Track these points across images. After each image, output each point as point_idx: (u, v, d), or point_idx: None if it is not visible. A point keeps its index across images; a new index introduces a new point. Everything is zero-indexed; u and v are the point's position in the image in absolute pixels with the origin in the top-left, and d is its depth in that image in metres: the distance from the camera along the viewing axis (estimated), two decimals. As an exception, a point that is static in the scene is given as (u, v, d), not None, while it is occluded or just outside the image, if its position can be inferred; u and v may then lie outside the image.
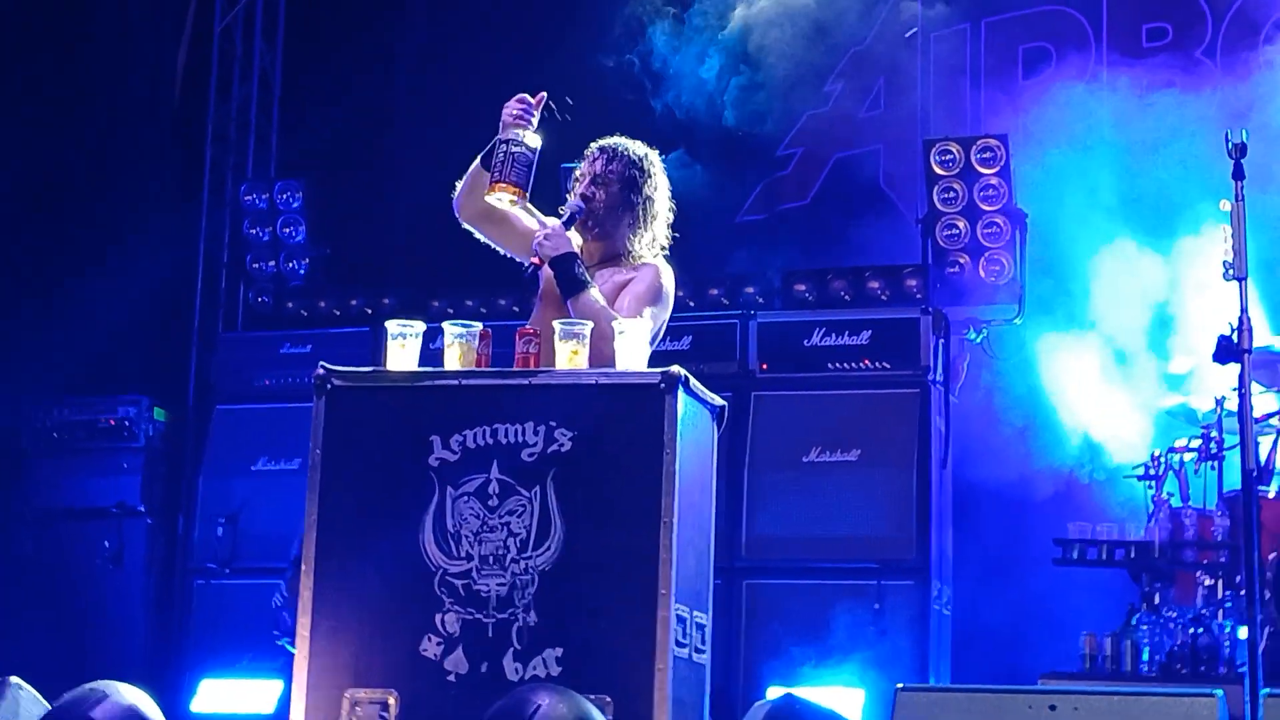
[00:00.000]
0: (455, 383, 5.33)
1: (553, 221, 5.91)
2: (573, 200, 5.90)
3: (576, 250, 5.78)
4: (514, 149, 5.70)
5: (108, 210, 11.08)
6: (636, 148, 6.02)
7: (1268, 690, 5.23)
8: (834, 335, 9.44)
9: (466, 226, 6.03)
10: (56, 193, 10.92)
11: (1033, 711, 5.28)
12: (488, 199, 5.76)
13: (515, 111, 5.77)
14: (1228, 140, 5.84)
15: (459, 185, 5.96)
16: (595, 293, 5.68)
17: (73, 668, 8.69)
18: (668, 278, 5.93)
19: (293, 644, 7.67)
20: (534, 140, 5.74)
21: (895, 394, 9.26)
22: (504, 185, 5.70)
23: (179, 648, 10.01)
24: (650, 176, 5.97)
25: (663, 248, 6.03)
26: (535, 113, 5.81)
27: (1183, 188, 9.31)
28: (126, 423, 10.30)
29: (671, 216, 6.08)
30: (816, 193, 11.29)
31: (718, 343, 9.54)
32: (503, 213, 5.89)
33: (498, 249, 6.08)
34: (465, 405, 5.27)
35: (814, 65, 11.20)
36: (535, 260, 5.73)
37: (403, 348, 5.44)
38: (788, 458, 9.23)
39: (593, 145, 6.03)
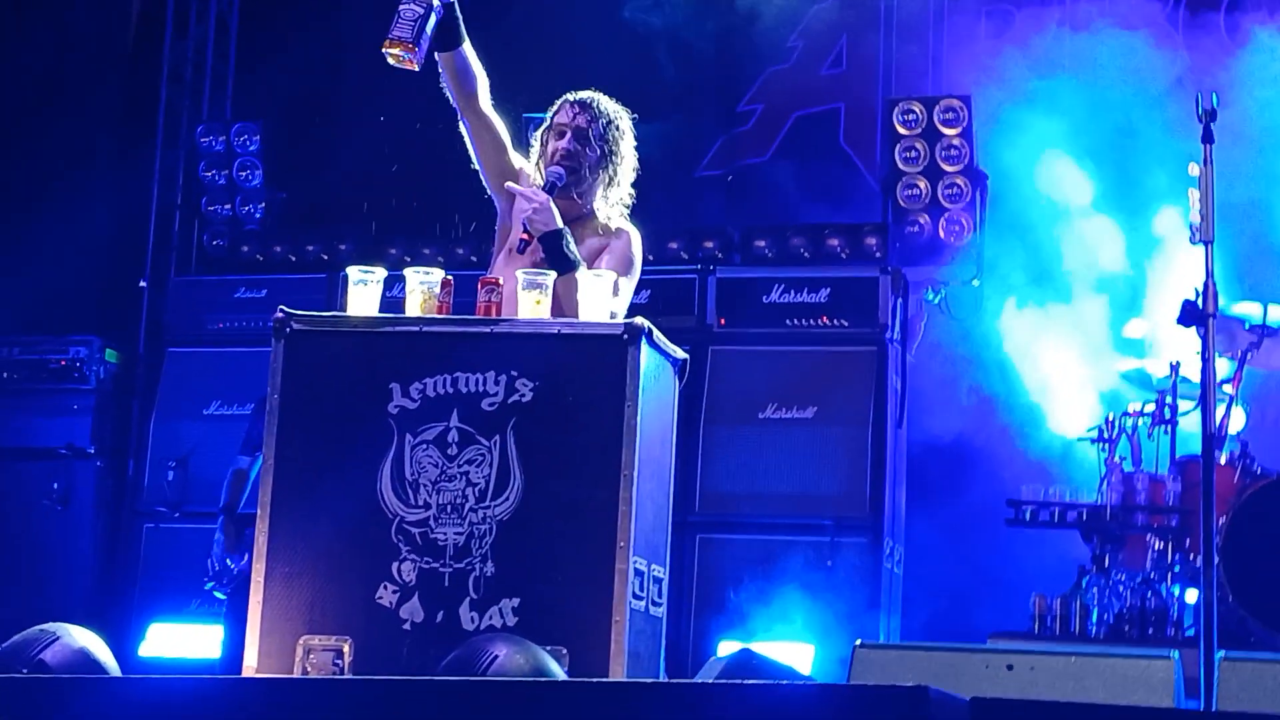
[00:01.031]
0: (416, 329, 5.29)
1: (527, 164, 5.84)
2: (553, 167, 5.78)
3: (564, 226, 5.68)
4: (401, 4, 5.56)
5: (59, 149, 10.93)
6: (611, 104, 5.93)
7: (1223, 653, 5.26)
8: (792, 292, 9.42)
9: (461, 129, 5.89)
10: (6, 131, 10.78)
11: (990, 670, 5.30)
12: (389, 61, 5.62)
13: None
14: (1198, 104, 5.82)
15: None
16: (585, 271, 5.59)
17: (19, 609, 8.64)
18: (639, 246, 5.89)
19: (220, 589, 7.65)
20: None
21: (852, 352, 9.26)
22: (388, 42, 5.54)
23: (127, 591, 9.94)
24: (624, 135, 5.91)
25: (626, 207, 5.98)
26: None
27: (1147, 152, 9.33)
28: (77, 363, 10.20)
29: (635, 175, 6.01)
30: (776, 149, 11.26)
31: (676, 297, 9.49)
32: (489, 117, 5.79)
33: (470, 150, 5.90)
34: (425, 353, 5.23)
35: (778, 20, 11.17)
36: (524, 236, 5.65)
37: (363, 293, 5.38)
38: (744, 413, 9.23)
39: (566, 97, 5.94)
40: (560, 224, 5.64)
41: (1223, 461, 8.20)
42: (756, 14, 11.15)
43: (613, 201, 5.91)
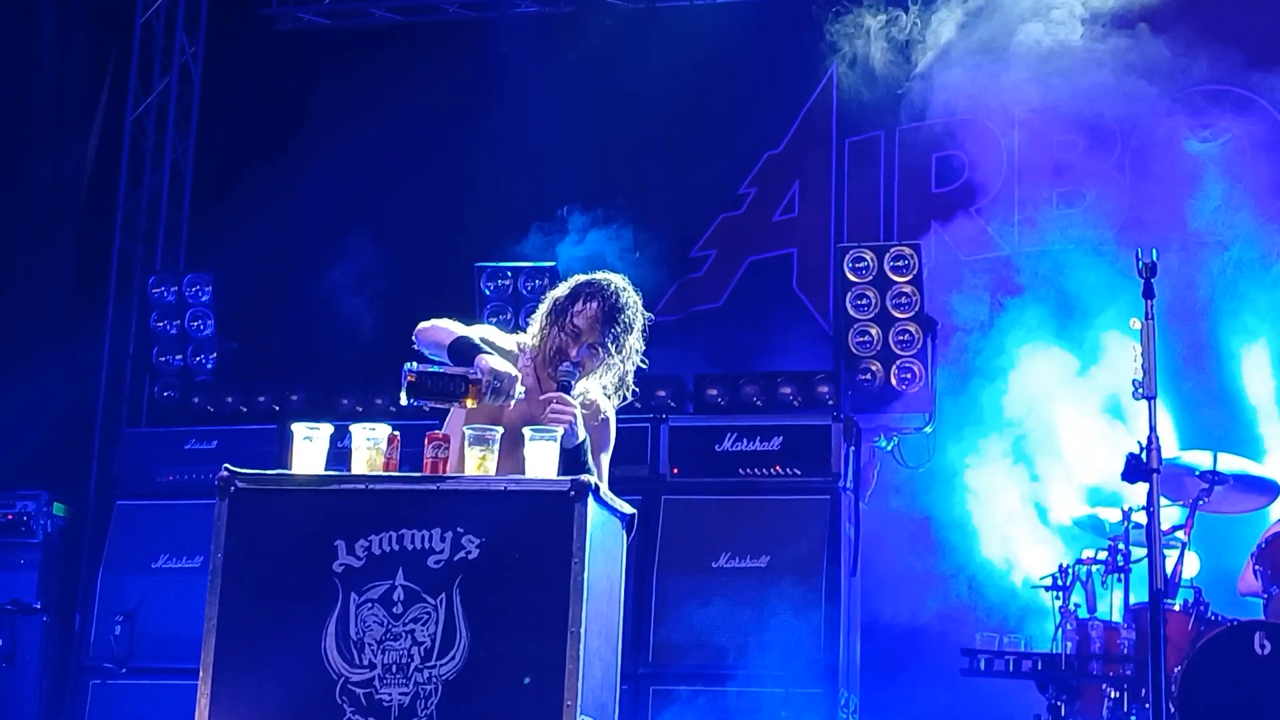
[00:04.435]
0: (362, 487, 5.25)
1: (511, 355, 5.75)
2: (567, 365, 5.66)
3: (586, 436, 5.60)
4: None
5: (9, 300, 10.91)
6: (632, 307, 5.82)
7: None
8: (745, 440, 9.41)
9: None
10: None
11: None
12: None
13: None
14: (1138, 259, 5.86)
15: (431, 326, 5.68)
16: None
17: (-39, 770, 8.46)
18: (614, 427, 5.88)
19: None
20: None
21: (806, 500, 9.24)
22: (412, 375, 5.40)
23: (73, 750, 9.79)
24: (634, 333, 5.82)
25: (616, 391, 5.87)
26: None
27: (1098, 295, 9.40)
28: (25, 517, 10.10)
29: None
30: (730, 295, 11.30)
31: (629, 445, 9.36)
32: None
33: None
34: (371, 510, 5.19)
35: (730, 167, 11.28)
36: None
37: (309, 450, 5.35)
38: (697, 563, 9.18)
39: (594, 289, 5.77)
40: (584, 434, 5.60)
41: (1177, 608, 8.16)
42: (709, 161, 11.26)
43: (602, 379, 5.82)
